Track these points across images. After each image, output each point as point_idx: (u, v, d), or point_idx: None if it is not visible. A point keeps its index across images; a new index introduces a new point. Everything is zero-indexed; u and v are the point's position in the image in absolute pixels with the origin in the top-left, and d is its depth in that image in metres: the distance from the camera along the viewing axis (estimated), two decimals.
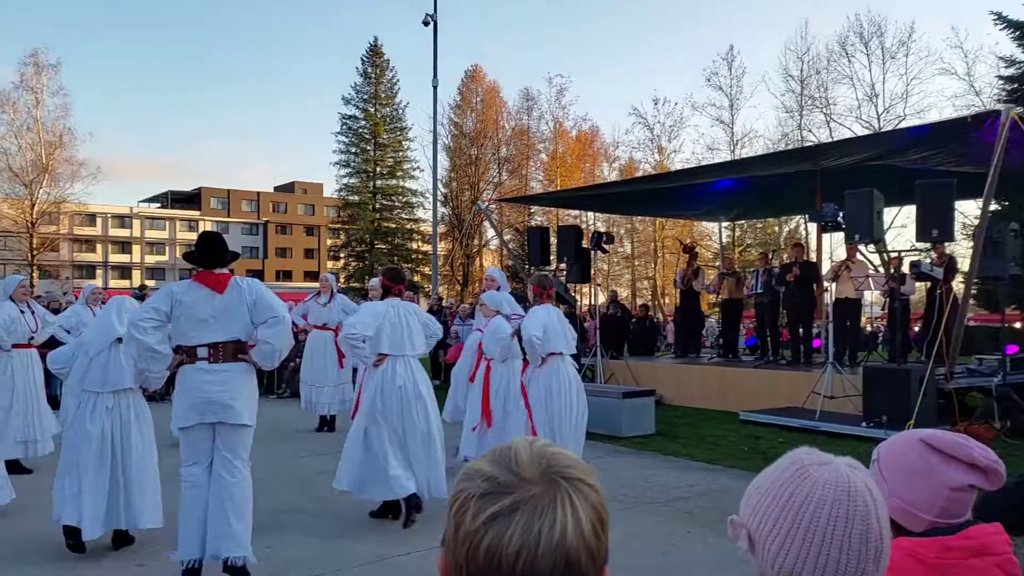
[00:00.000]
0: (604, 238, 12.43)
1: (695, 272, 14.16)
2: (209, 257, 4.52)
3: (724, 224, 20.76)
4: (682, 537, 5.44)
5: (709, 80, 41.75)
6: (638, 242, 52.13)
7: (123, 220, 67.18)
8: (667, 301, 52.94)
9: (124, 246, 67.13)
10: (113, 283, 63.82)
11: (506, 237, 39.44)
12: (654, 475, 7.41)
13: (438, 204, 23.57)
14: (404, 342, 5.75)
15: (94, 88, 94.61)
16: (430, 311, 13.63)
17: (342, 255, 55.48)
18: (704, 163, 31.54)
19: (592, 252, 12.79)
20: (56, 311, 11.03)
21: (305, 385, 9.92)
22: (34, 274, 43.57)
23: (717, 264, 21.21)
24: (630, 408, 9.24)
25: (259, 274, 70.05)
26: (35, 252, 43.24)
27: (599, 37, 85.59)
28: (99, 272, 64.04)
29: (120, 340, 4.99)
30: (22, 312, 7.45)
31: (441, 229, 42.80)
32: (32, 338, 7.56)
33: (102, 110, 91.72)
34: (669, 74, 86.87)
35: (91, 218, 60.72)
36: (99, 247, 64.72)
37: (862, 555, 1.07)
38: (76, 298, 14.43)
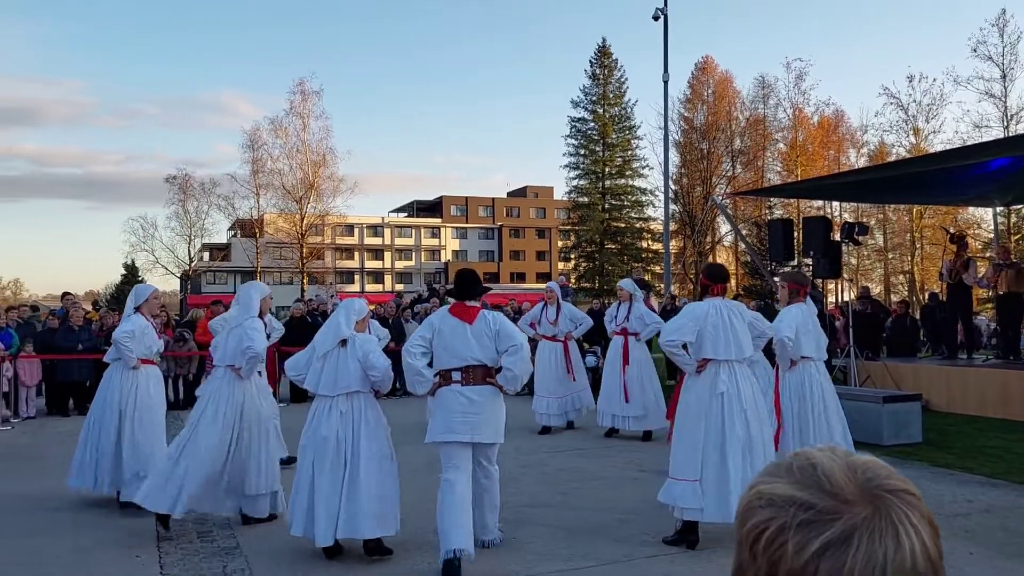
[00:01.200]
0: (857, 229, 11.46)
1: (964, 264, 12.63)
2: (464, 291, 5.18)
3: (999, 209, 18.38)
4: (965, 558, 4.84)
5: (975, 50, 37.18)
6: (892, 233, 47.86)
7: (376, 229, 73.24)
8: (927, 297, 48.08)
9: (377, 253, 73.17)
10: (369, 287, 69.86)
11: (743, 232, 37.88)
12: (924, 488, 6.65)
13: (669, 201, 23.11)
14: (729, 345, 5.22)
15: (349, 111, 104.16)
16: (663, 311, 13.36)
17: (572, 256, 56.35)
18: (970, 142, 28.21)
19: (842, 245, 11.86)
20: (324, 314, 12.11)
21: (537, 397, 9.82)
22: (304, 280, 48.86)
23: (989, 255, 18.83)
24: (892, 414, 8.42)
25: (495, 277, 73.32)
26: (304, 261, 48.41)
27: (842, 15, 79.74)
28: (356, 277, 70.37)
29: (345, 343, 5.05)
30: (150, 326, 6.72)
31: (672, 227, 42.10)
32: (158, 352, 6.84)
33: (356, 131, 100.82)
34: (925, 48, 78.99)
35: (349, 228, 66.83)
36: (356, 255, 71.04)
37: None
38: (340, 301, 15.84)
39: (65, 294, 14.79)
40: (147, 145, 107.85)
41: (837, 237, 12.35)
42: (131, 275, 59.85)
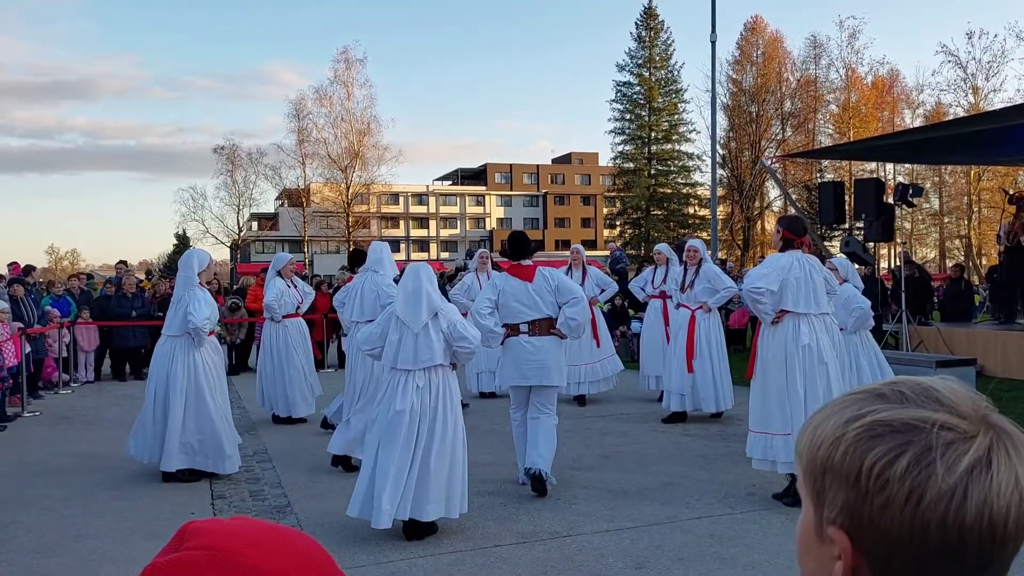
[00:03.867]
0: (911, 190, 11.12)
1: (1023, 226, 12.19)
2: (518, 252, 5.70)
3: None
4: None
5: None
6: (947, 196, 46.41)
7: (420, 198, 73.55)
8: (984, 262, 46.69)
9: (422, 221, 73.56)
10: (414, 256, 70.33)
11: (792, 196, 37.05)
12: None
13: (716, 166, 22.68)
14: (810, 299, 5.25)
15: (393, 80, 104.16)
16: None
17: (618, 223, 55.85)
18: None
19: (895, 207, 11.53)
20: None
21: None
22: (350, 249, 49.36)
23: None
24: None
25: (539, 244, 73.09)
26: (350, 229, 48.87)
27: None
28: (402, 246, 70.87)
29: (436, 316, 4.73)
30: (288, 287, 8.70)
31: (719, 192, 41.43)
32: (298, 308, 8.82)
33: (401, 99, 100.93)
34: (986, 2, 75.61)
35: (394, 197, 67.22)
36: (401, 223, 71.51)
37: None
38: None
39: (119, 263, 15.18)
40: (198, 117, 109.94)
41: (890, 199, 12.01)
42: (183, 245, 61.08)
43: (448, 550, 4.42)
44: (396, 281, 6.29)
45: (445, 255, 70.73)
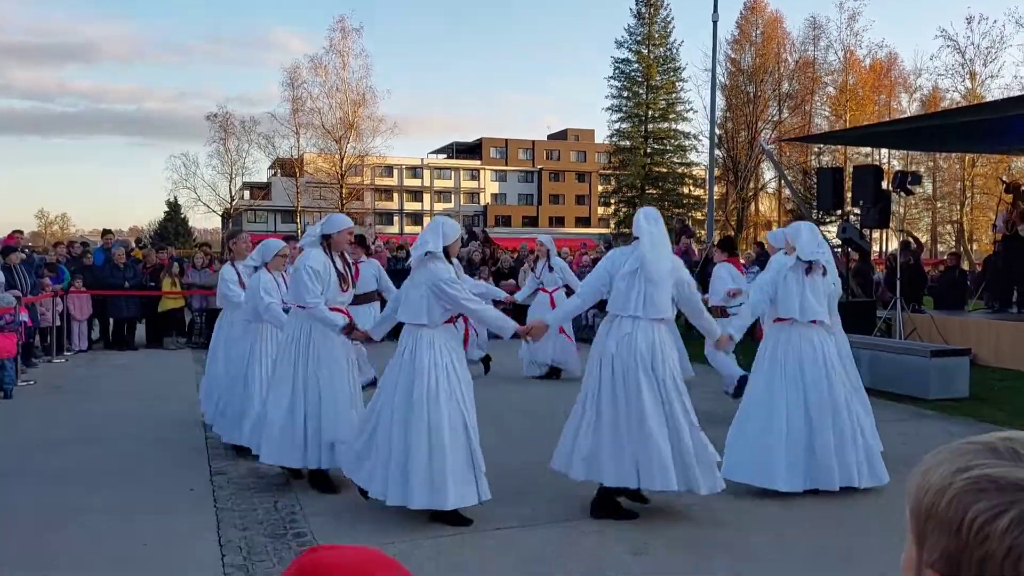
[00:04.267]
0: (910, 178, 11.12)
1: (1021, 214, 12.24)
2: None
3: None
4: None
5: None
6: (941, 181, 46.47)
7: (415, 171, 73.15)
8: (975, 247, 46.90)
9: (416, 195, 73.22)
10: (408, 229, 70.11)
11: (789, 178, 37.00)
12: None
13: (714, 146, 22.60)
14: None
15: (390, 50, 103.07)
16: (707, 260, 13.19)
17: (612, 201, 55.75)
18: None
19: (892, 194, 11.54)
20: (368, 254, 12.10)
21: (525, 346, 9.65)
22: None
23: None
24: (939, 368, 8.28)
25: (534, 220, 73.03)
26: (344, 201, 48.60)
27: None
28: (395, 219, 70.61)
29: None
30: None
31: (715, 172, 41.35)
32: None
33: (397, 70, 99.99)
34: None
35: (388, 170, 66.80)
36: (395, 196, 71.17)
37: None
38: (381, 244, 15.87)
39: (105, 231, 15.05)
40: (199, 82, 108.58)
41: (887, 186, 12.02)
42: (174, 212, 60.69)
43: (449, 532, 4.44)
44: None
45: None
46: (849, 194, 13.86)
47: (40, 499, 5.03)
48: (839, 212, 13.75)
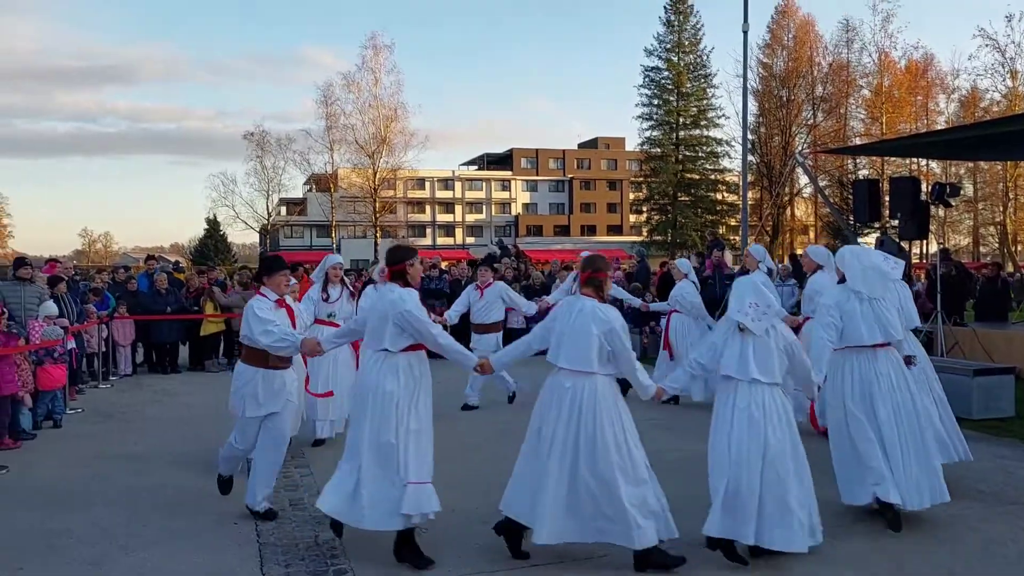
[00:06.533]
0: (948, 190, 10.93)
1: None
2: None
3: None
4: None
5: None
6: (982, 183, 45.57)
7: (447, 183, 73.53)
8: (1019, 249, 45.84)
9: (448, 206, 73.57)
10: (440, 240, 70.43)
11: (823, 185, 36.53)
12: (1017, 468, 6.46)
13: (746, 152, 22.44)
14: None
15: (421, 64, 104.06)
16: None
17: (644, 208, 55.54)
18: None
19: (931, 205, 11.36)
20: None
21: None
22: (377, 234, 49.61)
23: None
24: (983, 387, 8.13)
25: (565, 229, 72.90)
26: (377, 215, 49.09)
27: None
28: (428, 231, 71.01)
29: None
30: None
31: (749, 178, 40.96)
32: (332, 315, 7.65)
33: (429, 84, 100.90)
34: None
35: (420, 182, 67.29)
36: (427, 208, 71.60)
37: None
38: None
39: (149, 256, 15.37)
40: (236, 100, 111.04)
41: (926, 197, 11.83)
42: (213, 229, 61.81)
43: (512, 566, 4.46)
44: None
45: (471, 240, 70.74)
46: (887, 206, 13.65)
47: (88, 529, 5.17)
48: (876, 224, 13.54)
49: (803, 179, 46.14)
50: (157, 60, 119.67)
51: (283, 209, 64.36)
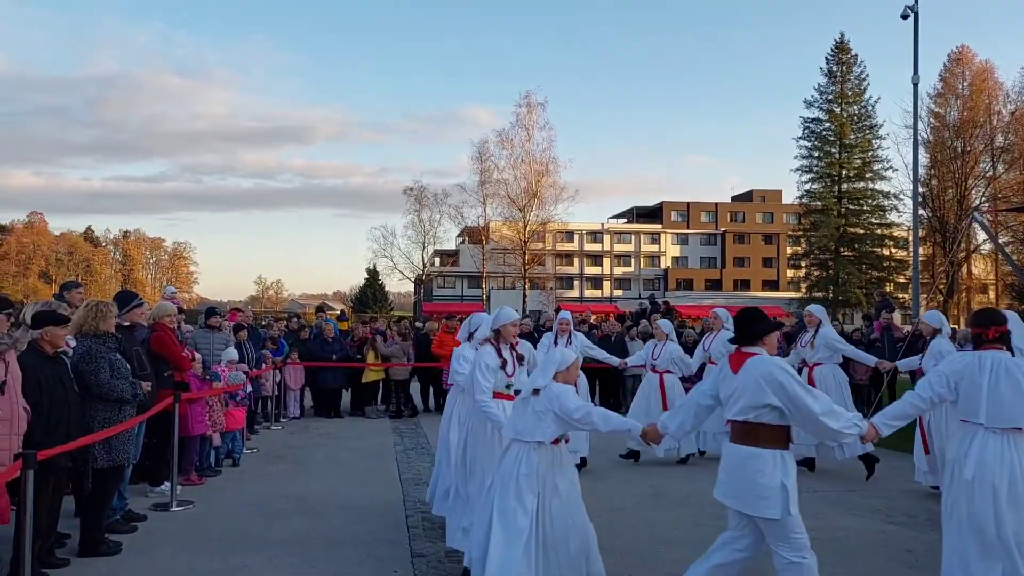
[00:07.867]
0: None
1: None
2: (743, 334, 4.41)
3: None
4: None
5: None
6: None
7: (595, 236, 73.95)
8: None
9: (596, 259, 73.83)
10: (588, 293, 70.63)
11: (1004, 242, 33.72)
12: None
13: (917, 206, 21.15)
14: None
15: (574, 118, 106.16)
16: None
17: (803, 264, 53.36)
18: None
19: None
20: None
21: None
22: (525, 286, 50.48)
23: None
24: None
25: (717, 284, 71.23)
26: (526, 267, 49.97)
27: None
28: (576, 283, 71.45)
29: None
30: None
31: (920, 233, 38.56)
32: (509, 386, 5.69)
33: (580, 137, 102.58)
34: None
35: (569, 235, 68.04)
36: (575, 261, 72.17)
37: None
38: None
39: (319, 308, 16.40)
40: (398, 157, 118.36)
41: None
42: (372, 279, 65.10)
43: None
44: None
45: (619, 293, 70.46)
46: None
47: (263, 571, 5.50)
48: None
49: (981, 235, 42.88)
50: (331, 122, 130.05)
51: (437, 260, 66.89)
